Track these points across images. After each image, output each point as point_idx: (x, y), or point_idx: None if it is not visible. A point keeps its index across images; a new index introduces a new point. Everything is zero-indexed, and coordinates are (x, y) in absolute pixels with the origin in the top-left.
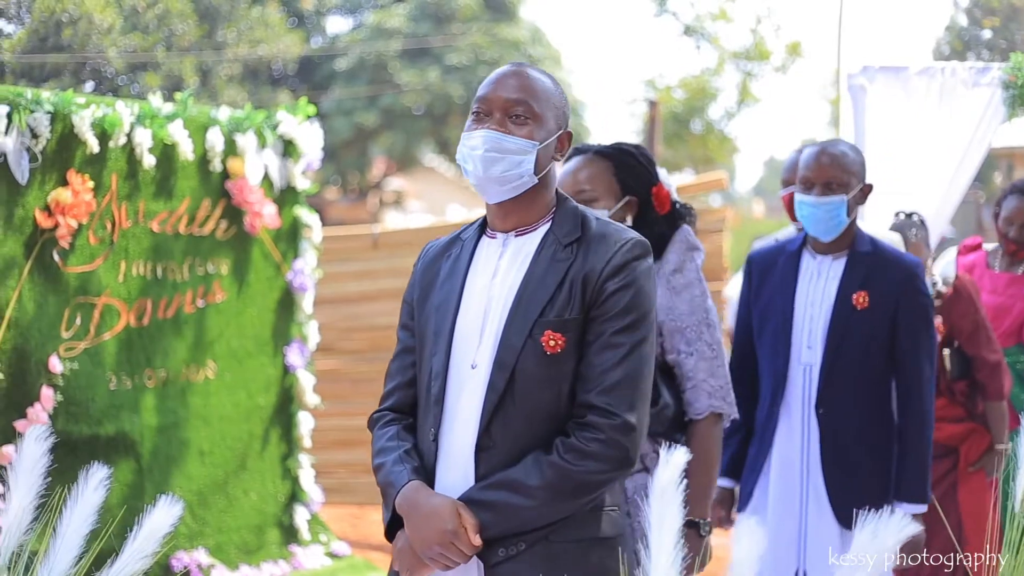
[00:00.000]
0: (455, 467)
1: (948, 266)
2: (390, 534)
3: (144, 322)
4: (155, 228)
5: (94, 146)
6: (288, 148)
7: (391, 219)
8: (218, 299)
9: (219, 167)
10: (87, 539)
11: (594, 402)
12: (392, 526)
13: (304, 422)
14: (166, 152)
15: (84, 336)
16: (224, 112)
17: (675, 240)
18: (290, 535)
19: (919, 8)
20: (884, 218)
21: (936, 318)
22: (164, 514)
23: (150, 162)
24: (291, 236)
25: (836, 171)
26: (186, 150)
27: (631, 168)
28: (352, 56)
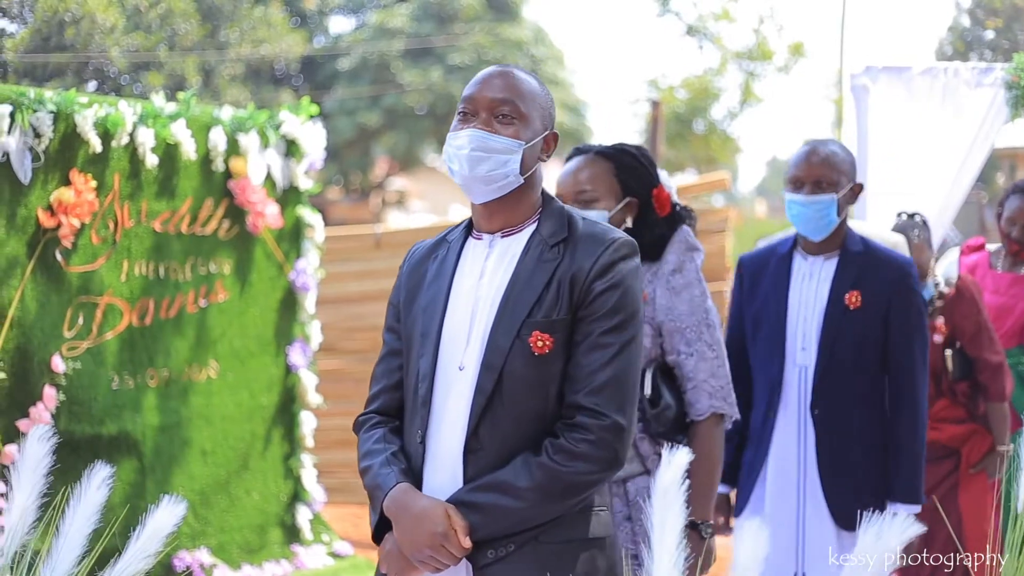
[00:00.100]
0: (443, 469)
1: (951, 266)
2: (377, 537)
3: (146, 322)
4: (157, 228)
5: (97, 146)
6: (291, 148)
7: (393, 219)
8: (220, 299)
9: (222, 167)
10: (89, 538)
11: (583, 403)
12: (380, 529)
13: (306, 422)
14: (169, 152)
15: (86, 336)
16: (227, 112)
17: (674, 241)
18: (292, 535)
19: (921, 9)
20: (886, 219)
21: (938, 319)
22: (167, 514)
23: (153, 162)
24: (293, 236)
25: (826, 170)
26: (189, 150)
27: (632, 169)
28: (355, 56)
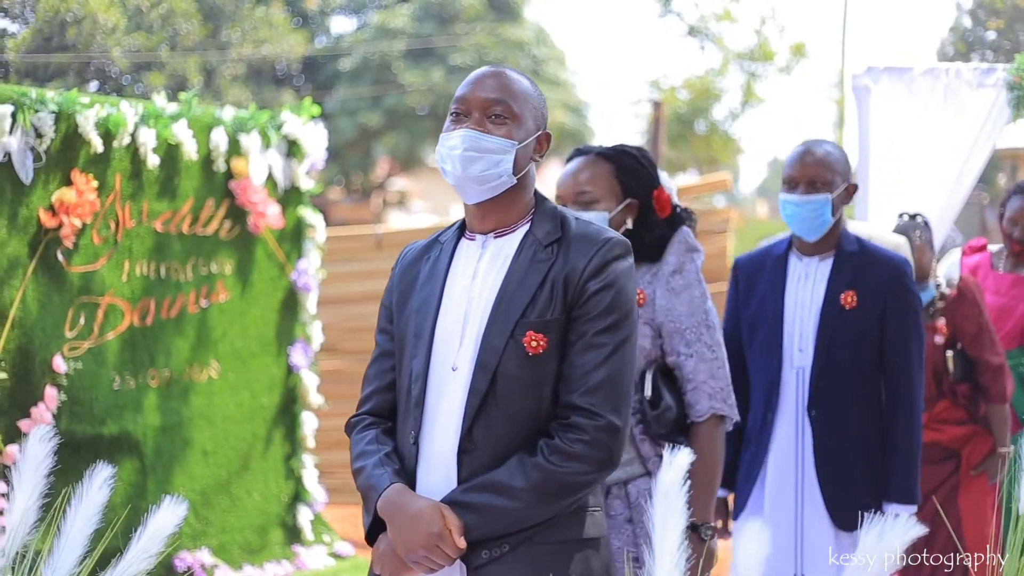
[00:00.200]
0: (437, 470)
1: (952, 267)
2: (371, 538)
3: (147, 322)
4: (158, 228)
5: (98, 146)
6: (292, 148)
7: (395, 219)
8: (221, 299)
9: (223, 167)
10: (91, 538)
11: (577, 403)
12: (373, 530)
13: (308, 422)
14: (170, 152)
15: (88, 336)
16: (228, 112)
17: (674, 241)
18: (293, 535)
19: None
20: (888, 219)
21: (939, 320)
22: (168, 514)
23: (154, 162)
24: (295, 236)
25: (820, 170)
26: (190, 150)
27: (633, 171)
28: (356, 56)
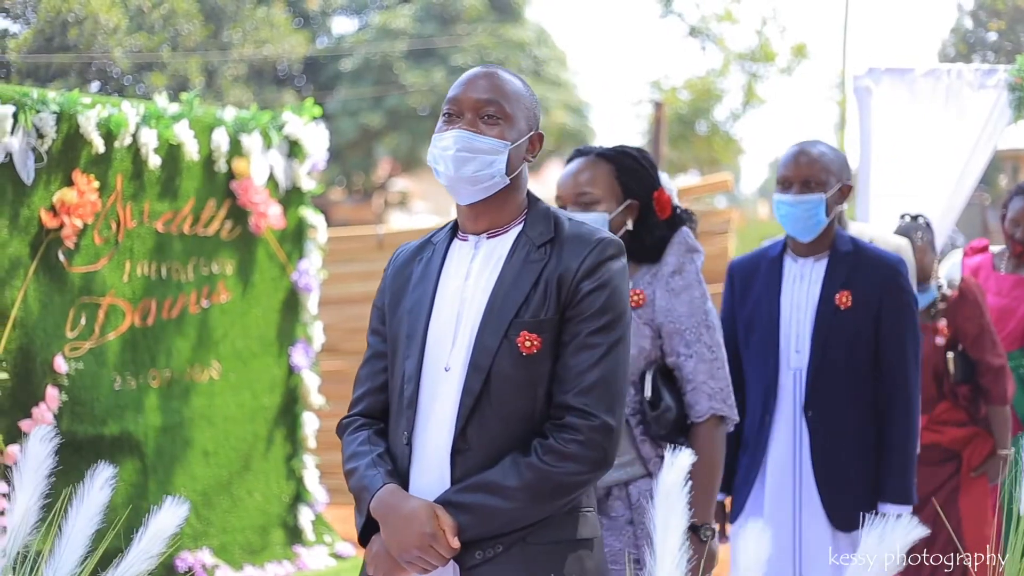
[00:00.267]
0: (430, 470)
1: (954, 268)
2: (364, 539)
3: (148, 322)
4: (159, 228)
5: (99, 146)
6: (293, 149)
7: (396, 220)
8: (223, 299)
9: (224, 167)
10: (92, 539)
11: (572, 403)
12: (366, 531)
13: (309, 423)
14: (171, 152)
15: (89, 336)
16: (230, 112)
17: (674, 242)
18: (294, 536)
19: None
20: (890, 221)
21: (941, 321)
22: (170, 515)
23: (155, 162)
24: (296, 237)
25: (814, 170)
26: (191, 150)
27: (633, 172)
28: (357, 57)
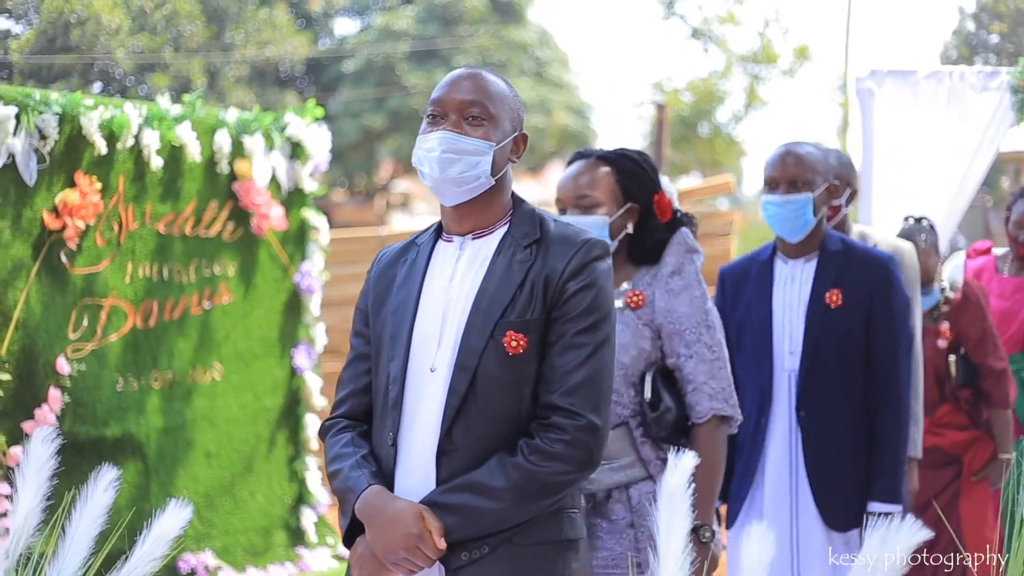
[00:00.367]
0: (415, 471)
1: (956, 270)
2: (348, 541)
3: (150, 324)
4: (161, 230)
5: (102, 148)
6: (295, 150)
7: (398, 221)
8: (224, 301)
9: (226, 169)
10: (95, 540)
11: (558, 403)
12: (351, 533)
13: (311, 424)
14: (174, 154)
15: (91, 337)
16: (232, 114)
17: (673, 243)
18: (297, 537)
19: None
20: (892, 223)
21: (943, 324)
22: (173, 517)
23: (157, 164)
24: (298, 238)
25: (800, 169)
26: (193, 152)
27: (634, 175)
28: (360, 58)
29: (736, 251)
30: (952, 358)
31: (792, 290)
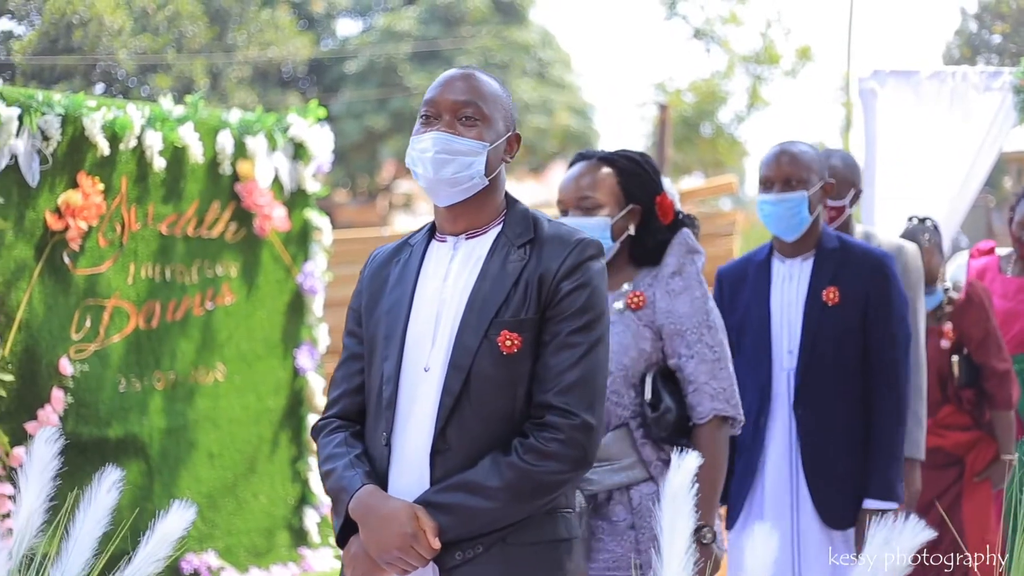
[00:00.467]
0: (409, 471)
1: (958, 270)
2: (341, 540)
3: (153, 324)
4: (164, 231)
5: (104, 149)
6: (298, 151)
7: (400, 222)
8: (227, 301)
9: (229, 170)
10: (98, 541)
11: (552, 402)
12: (344, 532)
13: (314, 425)
14: (176, 155)
15: (94, 338)
16: (235, 115)
17: (674, 244)
18: (300, 538)
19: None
20: (895, 223)
21: (946, 324)
22: (176, 518)
23: (160, 165)
24: (301, 239)
25: (794, 168)
26: (196, 153)
27: (635, 176)
28: (362, 59)
29: (739, 251)
30: (955, 359)
31: (790, 289)
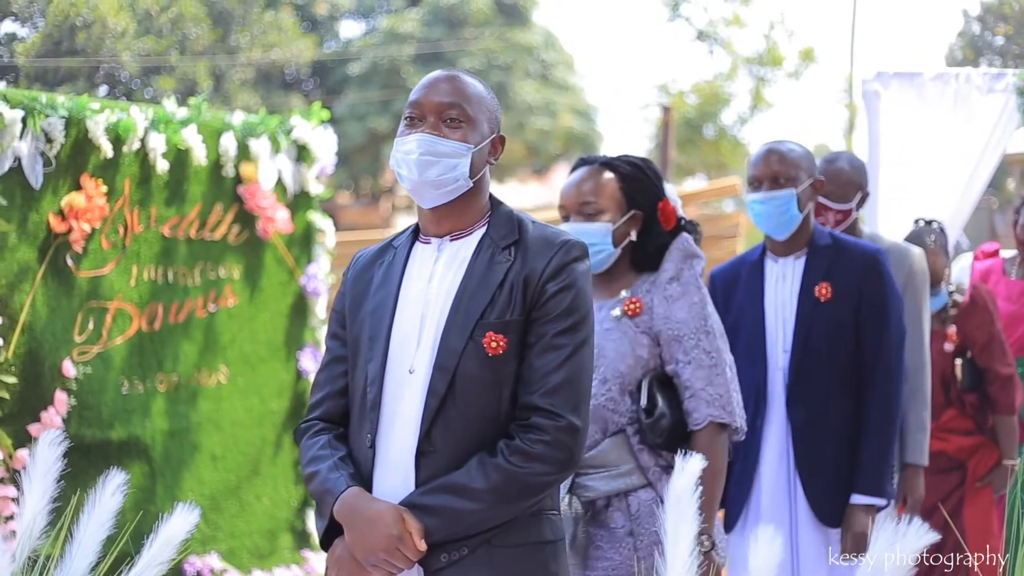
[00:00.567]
0: (394, 473)
1: (962, 272)
2: (326, 543)
3: (155, 326)
4: (166, 233)
5: (108, 151)
6: (301, 153)
7: (403, 224)
8: (230, 304)
9: (232, 172)
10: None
11: (538, 404)
12: (328, 535)
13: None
14: (179, 157)
15: (97, 340)
16: (238, 117)
17: (672, 249)
18: (303, 540)
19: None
20: (899, 224)
21: (950, 327)
22: (180, 521)
23: (163, 167)
24: (304, 241)
25: (782, 166)
26: (199, 155)
27: (637, 181)
28: (365, 61)
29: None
30: (958, 362)
31: (783, 288)
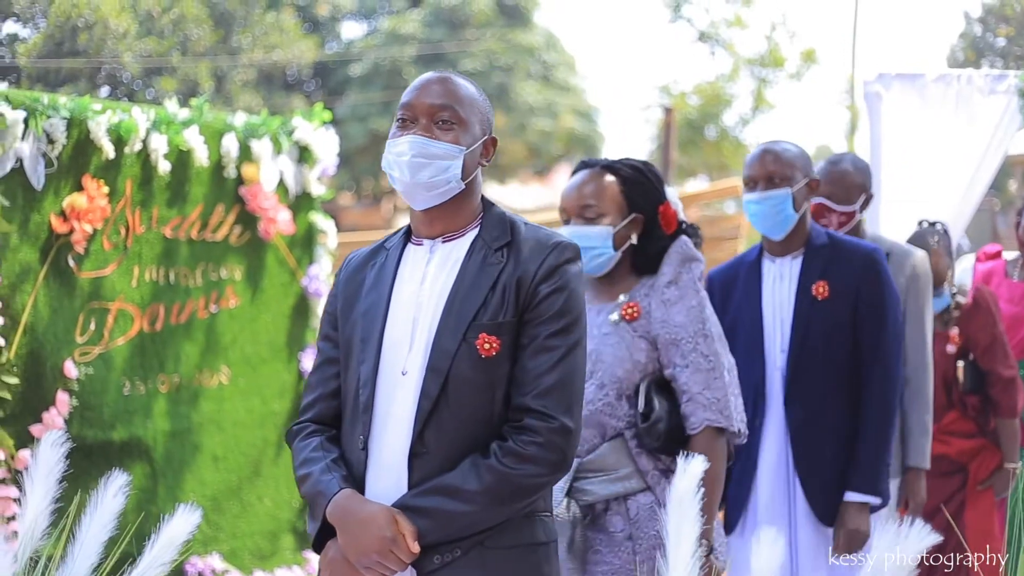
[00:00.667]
0: (387, 475)
1: (963, 273)
2: (318, 545)
3: (157, 327)
4: (168, 234)
5: (109, 152)
6: (303, 154)
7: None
8: (231, 304)
9: (234, 173)
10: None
11: (531, 405)
12: (320, 537)
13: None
14: (181, 158)
15: (98, 341)
16: (240, 118)
17: (670, 252)
18: (304, 541)
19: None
20: (901, 226)
21: (953, 329)
22: (182, 522)
23: (165, 168)
24: (306, 242)
25: (777, 166)
26: (201, 156)
27: (639, 185)
28: (367, 62)
29: None
30: (960, 364)
31: (781, 288)
